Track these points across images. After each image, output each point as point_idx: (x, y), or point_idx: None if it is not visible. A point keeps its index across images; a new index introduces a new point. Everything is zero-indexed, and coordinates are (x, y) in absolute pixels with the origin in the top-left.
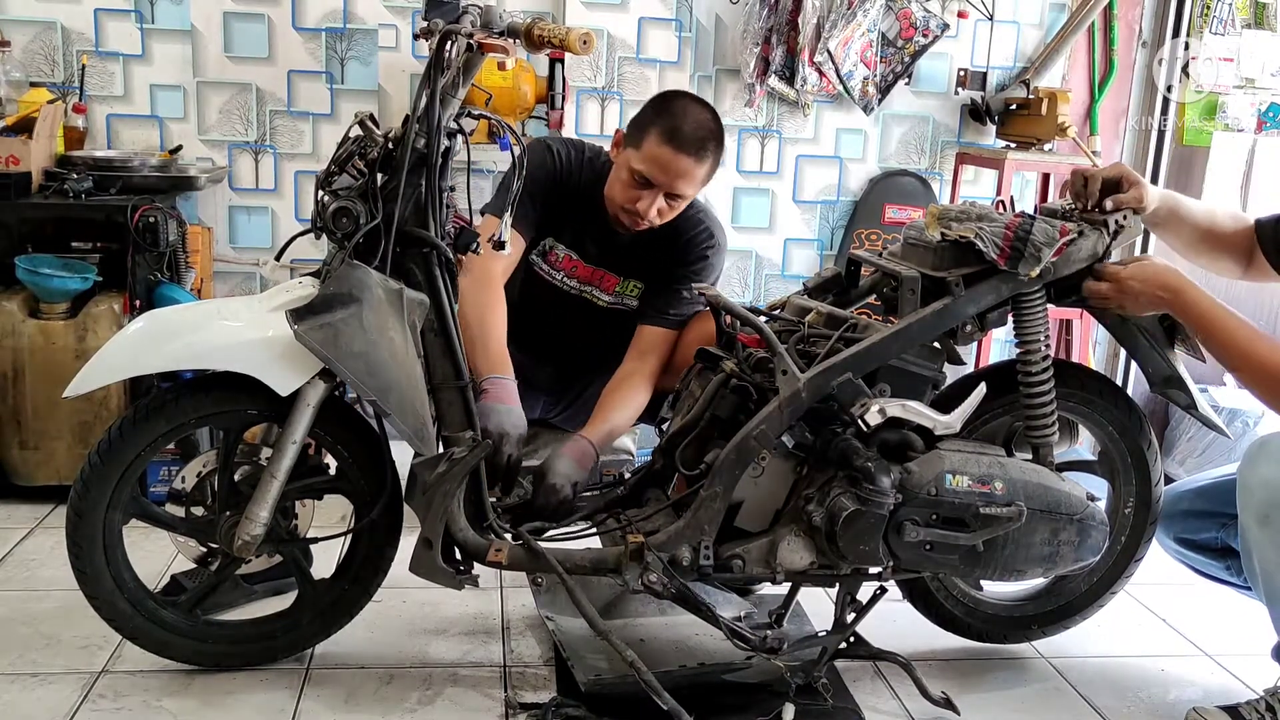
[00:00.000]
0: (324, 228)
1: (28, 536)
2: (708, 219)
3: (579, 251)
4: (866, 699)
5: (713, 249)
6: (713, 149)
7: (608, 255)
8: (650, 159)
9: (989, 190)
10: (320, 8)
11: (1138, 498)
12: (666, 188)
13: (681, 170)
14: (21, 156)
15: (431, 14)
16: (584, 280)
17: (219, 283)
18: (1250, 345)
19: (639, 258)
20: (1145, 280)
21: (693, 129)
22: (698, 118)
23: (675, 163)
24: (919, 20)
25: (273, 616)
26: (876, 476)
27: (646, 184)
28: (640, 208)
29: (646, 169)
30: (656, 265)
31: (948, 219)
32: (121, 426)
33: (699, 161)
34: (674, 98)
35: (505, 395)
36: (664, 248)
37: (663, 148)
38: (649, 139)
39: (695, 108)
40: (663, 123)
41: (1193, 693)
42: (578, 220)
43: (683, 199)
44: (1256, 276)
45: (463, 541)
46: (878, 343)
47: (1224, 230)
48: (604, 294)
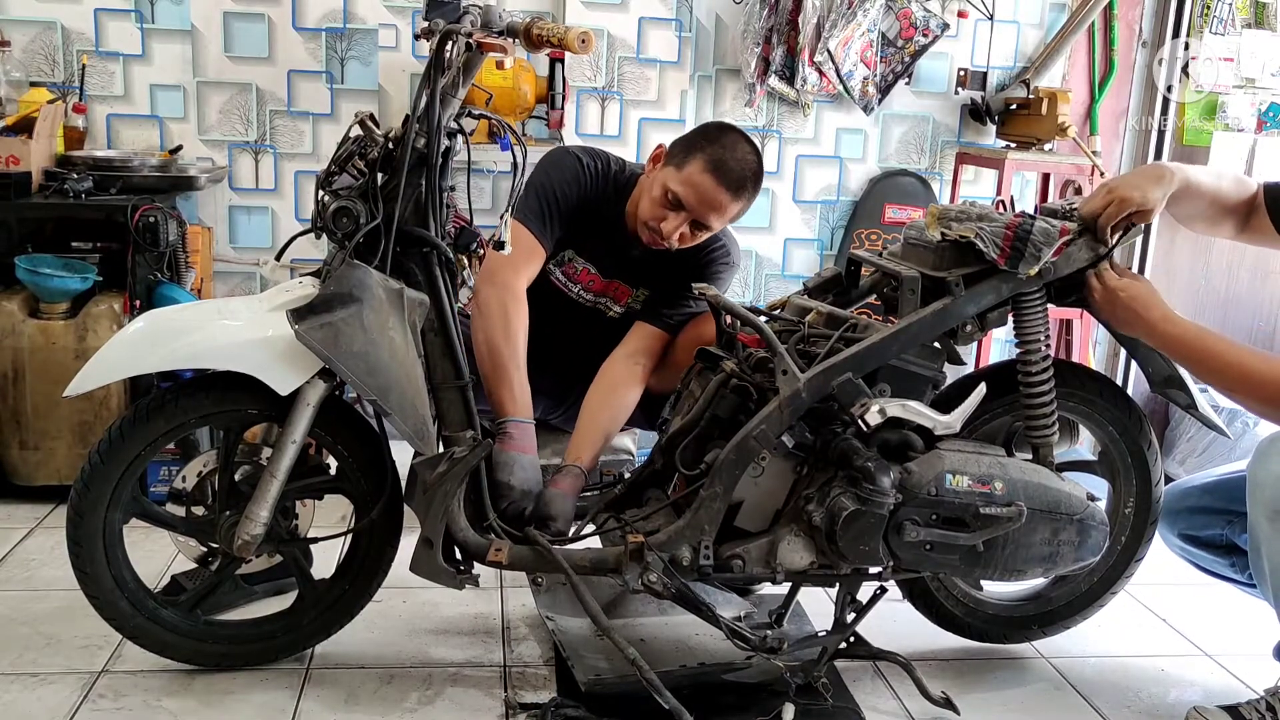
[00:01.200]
0: (324, 228)
1: (28, 536)
2: (726, 237)
3: (597, 265)
4: (866, 699)
5: (726, 266)
6: (750, 190)
7: (623, 268)
8: (689, 183)
9: (989, 190)
10: (320, 8)
11: (1138, 498)
12: (696, 215)
13: (717, 203)
14: (21, 156)
15: (431, 14)
16: (599, 293)
17: (219, 283)
18: (1241, 365)
19: (652, 269)
20: (1133, 299)
21: (738, 165)
22: (745, 156)
23: (713, 194)
24: (919, 20)
25: (273, 616)
26: (876, 476)
27: (678, 206)
28: (665, 228)
29: (683, 192)
30: (668, 275)
31: (948, 219)
32: (121, 426)
33: (735, 199)
34: (726, 130)
35: (527, 444)
36: (678, 259)
37: (705, 175)
38: (692, 163)
39: (745, 146)
40: (711, 151)
41: (1193, 693)
42: (598, 233)
43: (707, 231)
44: (1252, 238)
45: (463, 541)
46: (878, 343)
47: (1228, 199)
48: (616, 305)
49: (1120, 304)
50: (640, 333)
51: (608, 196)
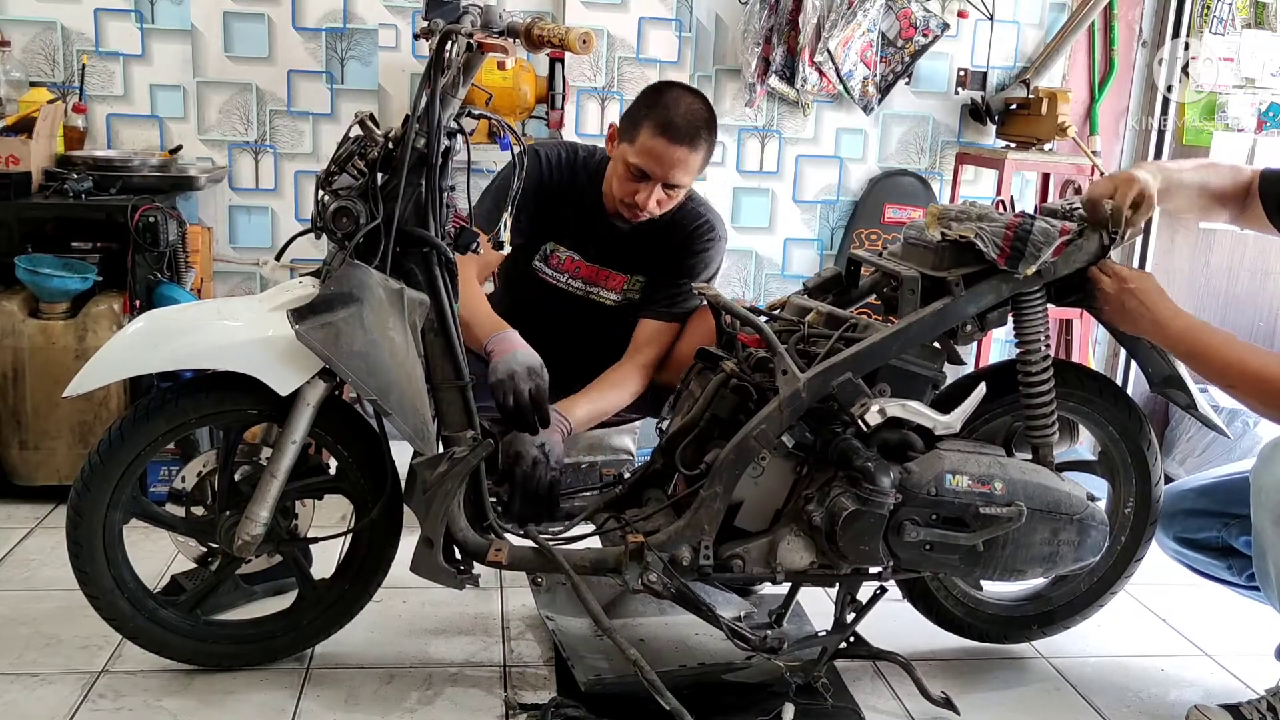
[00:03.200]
0: (324, 228)
1: (28, 536)
2: (707, 212)
3: (580, 252)
4: (866, 699)
5: (713, 241)
6: (706, 137)
7: (609, 253)
8: (645, 152)
9: (989, 190)
10: (320, 8)
11: (1138, 498)
12: (663, 179)
13: (676, 160)
14: (21, 156)
15: (431, 14)
16: (588, 280)
17: (219, 283)
18: (1243, 364)
19: (640, 253)
20: (1144, 291)
21: (685, 119)
22: (689, 107)
23: (670, 154)
24: (919, 20)
25: (273, 616)
26: (876, 476)
27: (643, 176)
28: (639, 200)
29: (642, 162)
30: (658, 260)
31: (948, 219)
32: (121, 426)
33: (693, 150)
34: (665, 89)
35: (509, 344)
36: (665, 242)
37: (656, 140)
38: (642, 132)
39: (687, 97)
40: (655, 115)
41: (1193, 693)
42: (577, 221)
43: (680, 188)
44: (1249, 224)
45: (463, 541)
46: (878, 343)
47: (1220, 188)
48: (610, 293)
49: (1128, 296)
50: (645, 330)
51: (580, 184)
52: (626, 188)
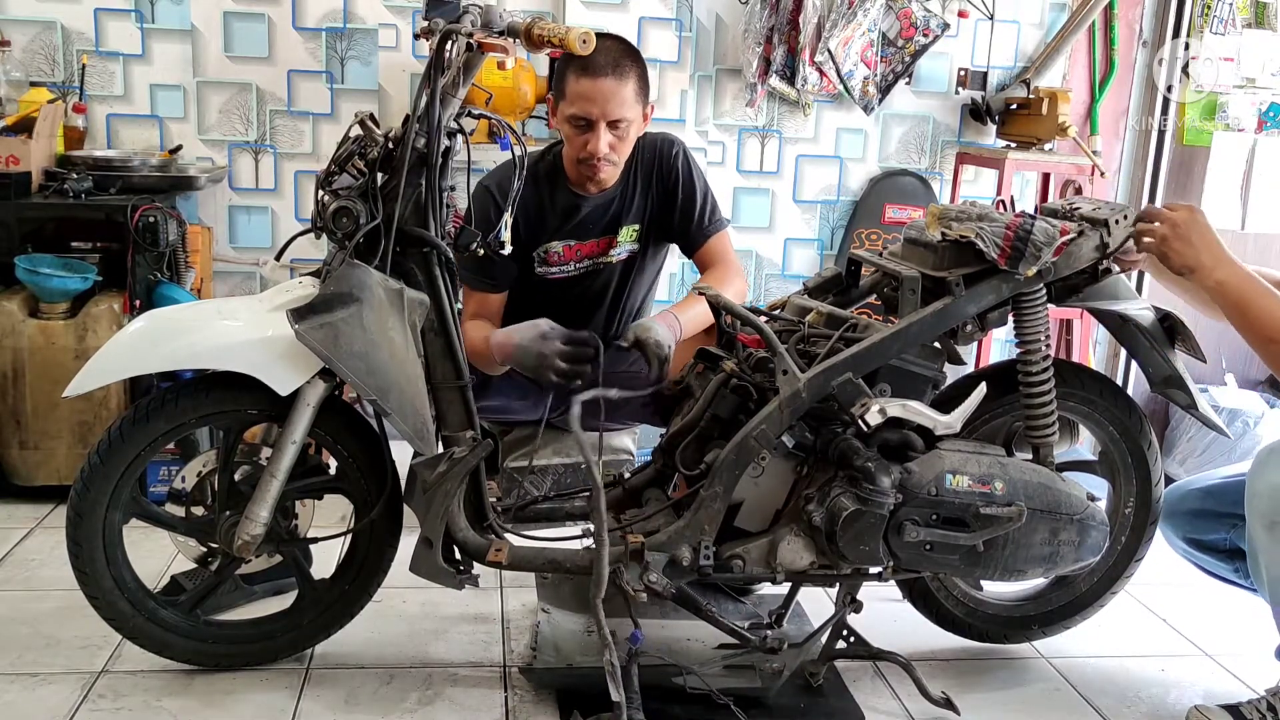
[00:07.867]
0: (324, 227)
1: (28, 536)
2: (654, 136)
3: (572, 237)
4: (866, 699)
5: (679, 152)
6: (629, 64)
7: (597, 223)
8: (576, 97)
9: (989, 190)
10: (320, 8)
11: (1138, 498)
12: (602, 116)
13: (607, 93)
14: (21, 156)
15: (431, 14)
16: (591, 255)
17: (219, 283)
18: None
19: (626, 205)
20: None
21: (602, 54)
22: (604, 44)
23: (597, 88)
24: (919, 20)
25: (273, 616)
26: (876, 476)
27: (586, 124)
28: (590, 149)
29: (578, 108)
30: (644, 201)
31: (948, 219)
32: (121, 426)
33: (620, 79)
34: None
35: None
36: (641, 184)
37: (581, 80)
38: (568, 82)
39: (601, 39)
40: (575, 62)
41: (1193, 693)
42: (555, 213)
43: (625, 122)
44: None
45: (463, 541)
46: (878, 343)
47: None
48: (615, 251)
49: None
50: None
51: (541, 189)
52: (576, 143)
